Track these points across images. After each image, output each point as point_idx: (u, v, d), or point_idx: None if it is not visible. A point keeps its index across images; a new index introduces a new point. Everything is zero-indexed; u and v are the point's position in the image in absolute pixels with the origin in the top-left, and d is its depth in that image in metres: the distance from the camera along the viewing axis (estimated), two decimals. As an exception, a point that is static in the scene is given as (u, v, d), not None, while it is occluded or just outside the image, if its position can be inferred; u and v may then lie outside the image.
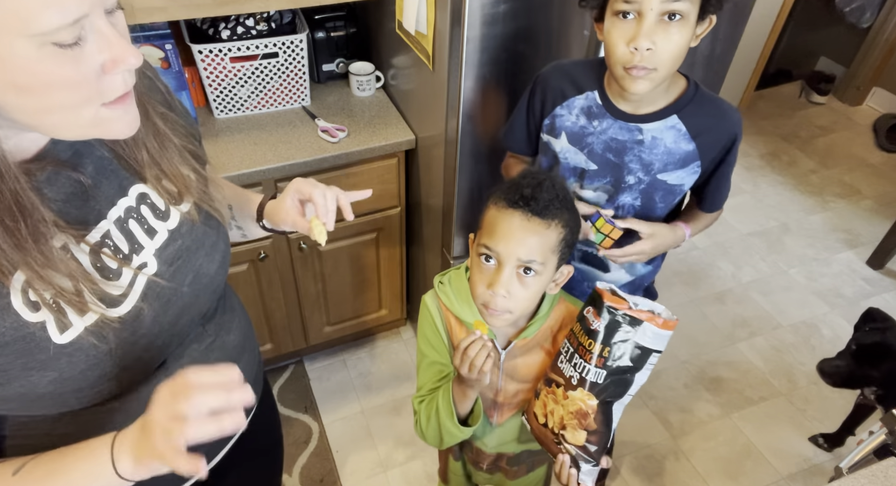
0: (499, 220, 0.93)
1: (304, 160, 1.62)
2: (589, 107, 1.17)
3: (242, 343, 0.90)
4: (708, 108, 1.13)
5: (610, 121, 1.15)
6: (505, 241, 0.92)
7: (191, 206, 0.78)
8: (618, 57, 1.01)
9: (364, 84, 1.86)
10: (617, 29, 1.00)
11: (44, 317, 0.62)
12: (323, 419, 2.10)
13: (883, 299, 2.62)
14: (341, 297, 2.04)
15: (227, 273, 0.87)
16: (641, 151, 1.15)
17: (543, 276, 0.95)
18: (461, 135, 1.47)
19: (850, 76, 3.68)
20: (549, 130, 1.23)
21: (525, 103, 1.26)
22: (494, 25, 1.30)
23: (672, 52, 0.99)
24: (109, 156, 0.70)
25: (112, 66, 0.56)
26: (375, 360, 2.30)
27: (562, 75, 1.20)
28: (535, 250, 0.92)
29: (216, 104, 1.74)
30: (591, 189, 1.22)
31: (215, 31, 1.66)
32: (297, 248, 1.81)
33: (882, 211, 3.04)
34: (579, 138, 1.19)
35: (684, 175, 1.17)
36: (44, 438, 0.71)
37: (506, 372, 1.09)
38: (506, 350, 1.06)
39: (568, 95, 1.18)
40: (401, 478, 1.96)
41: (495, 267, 0.94)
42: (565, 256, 0.98)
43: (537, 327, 1.05)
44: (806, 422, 2.16)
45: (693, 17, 0.98)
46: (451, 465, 1.40)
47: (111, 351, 0.67)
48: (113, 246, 0.69)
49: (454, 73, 1.37)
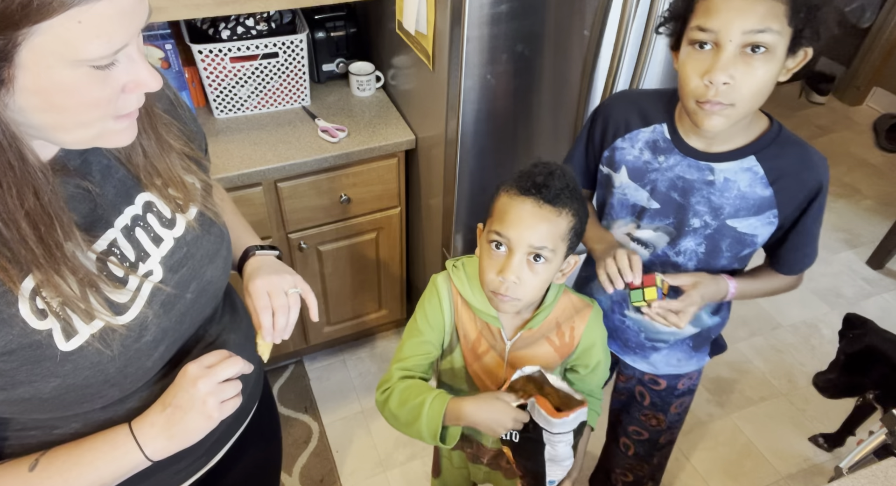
0: (510, 207, 0.94)
1: (304, 160, 1.62)
2: (655, 141, 1.08)
3: (243, 343, 0.91)
4: (791, 151, 1.02)
5: (678, 157, 1.06)
6: (517, 227, 0.93)
7: (195, 214, 0.79)
8: (690, 90, 0.92)
9: (364, 84, 1.86)
10: (692, 60, 0.91)
11: (50, 325, 0.63)
12: (323, 419, 2.10)
13: (883, 299, 2.62)
14: (341, 297, 2.04)
15: (228, 278, 0.87)
16: (711, 192, 1.05)
17: (552, 264, 0.96)
18: (461, 135, 1.47)
19: (850, 76, 3.68)
20: (608, 162, 1.15)
21: (585, 132, 1.19)
22: (494, 25, 1.30)
23: (753, 89, 0.89)
24: (115, 164, 0.71)
25: (134, 88, 0.58)
26: (375, 360, 2.31)
27: (627, 105, 1.12)
28: (547, 237, 0.93)
29: (216, 104, 1.74)
30: (651, 229, 1.13)
31: (215, 31, 1.66)
32: (298, 248, 1.81)
33: (882, 211, 3.04)
34: (641, 174, 1.10)
35: (758, 224, 1.06)
36: (44, 438, 0.72)
37: (510, 364, 1.09)
38: (511, 341, 1.07)
39: (632, 127, 1.10)
40: (401, 478, 1.96)
41: (506, 254, 0.95)
42: (573, 245, 0.98)
43: (543, 318, 1.06)
44: (806, 422, 2.16)
45: (781, 49, 0.88)
46: (447, 453, 1.38)
47: (115, 358, 0.68)
48: (119, 254, 0.70)
49: (454, 73, 1.37)
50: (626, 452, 1.53)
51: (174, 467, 0.83)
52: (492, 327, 1.07)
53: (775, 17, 0.85)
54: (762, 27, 0.85)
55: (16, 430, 0.71)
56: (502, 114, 1.47)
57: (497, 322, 1.06)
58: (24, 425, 0.71)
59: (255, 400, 0.99)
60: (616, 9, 1.37)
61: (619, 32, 1.37)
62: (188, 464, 0.86)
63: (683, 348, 1.28)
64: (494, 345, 1.09)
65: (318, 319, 0.92)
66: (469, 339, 1.10)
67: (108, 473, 0.71)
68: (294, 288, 0.88)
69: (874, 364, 1.68)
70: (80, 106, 0.55)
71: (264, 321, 0.84)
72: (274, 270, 0.90)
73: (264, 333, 0.85)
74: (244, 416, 0.96)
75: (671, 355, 1.29)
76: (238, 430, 0.95)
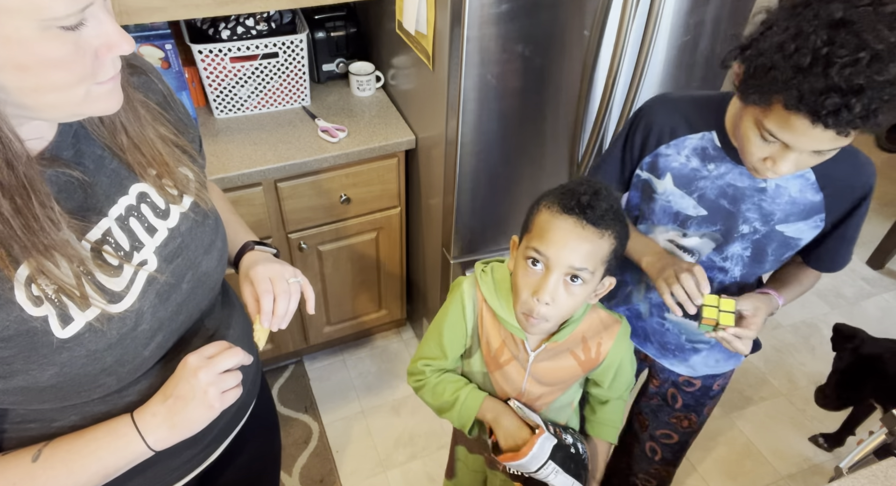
0: (552, 225, 0.91)
1: (304, 160, 1.62)
2: (704, 148, 1.06)
3: (241, 338, 0.91)
4: (842, 156, 0.98)
5: (729, 165, 1.04)
6: (557, 246, 0.89)
7: (190, 205, 0.79)
8: (750, 162, 0.94)
9: (364, 84, 1.86)
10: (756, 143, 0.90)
11: (46, 311, 0.63)
12: (323, 419, 2.10)
13: (883, 299, 2.62)
14: (341, 297, 2.04)
15: (224, 270, 0.87)
16: (762, 199, 1.04)
17: (589, 285, 0.93)
18: (461, 135, 1.47)
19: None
20: (649, 168, 1.12)
21: (623, 136, 1.16)
22: (494, 25, 1.30)
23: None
24: (108, 155, 0.71)
25: (106, 51, 0.59)
26: (375, 360, 2.30)
27: (672, 110, 1.09)
28: (587, 259, 0.90)
29: (216, 104, 1.74)
30: (697, 236, 1.11)
31: (215, 31, 1.66)
32: (298, 248, 1.81)
33: (882, 211, 3.04)
34: (689, 182, 1.08)
35: (805, 228, 1.06)
36: (43, 431, 0.72)
37: (532, 375, 1.07)
38: (535, 353, 1.05)
39: (678, 134, 1.07)
40: (401, 478, 1.96)
41: (542, 272, 0.92)
42: (611, 268, 0.96)
43: (569, 332, 1.03)
44: (806, 422, 2.16)
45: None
46: (466, 457, 1.36)
47: (112, 346, 0.68)
48: (114, 243, 0.70)
49: (454, 73, 1.37)
50: (652, 457, 1.52)
51: (175, 461, 0.83)
52: (516, 337, 1.05)
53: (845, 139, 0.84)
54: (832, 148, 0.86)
55: (15, 422, 0.71)
56: (502, 114, 1.47)
57: (521, 333, 1.04)
58: (22, 417, 0.71)
59: (254, 396, 0.99)
60: (616, 9, 1.37)
61: (619, 32, 1.37)
62: (189, 458, 0.86)
63: (723, 349, 1.26)
64: (517, 355, 1.06)
65: (314, 312, 0.92)
66: (492, 347, 1.08)
67: (111, 462, 0.71)
68: (295, 278, 0.88)
69: (868, 376, 1.69)
70: (50, 67, 0.55)
71: (265, 305, 0.84)
72: (275, 261, 0.90)
73: (263, 317, 0.84)
74: (243, 411, 0.96)
75: (710, 356, 1.28)
76: (237, 425, 0.95)
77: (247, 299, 0.87)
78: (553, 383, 1.09)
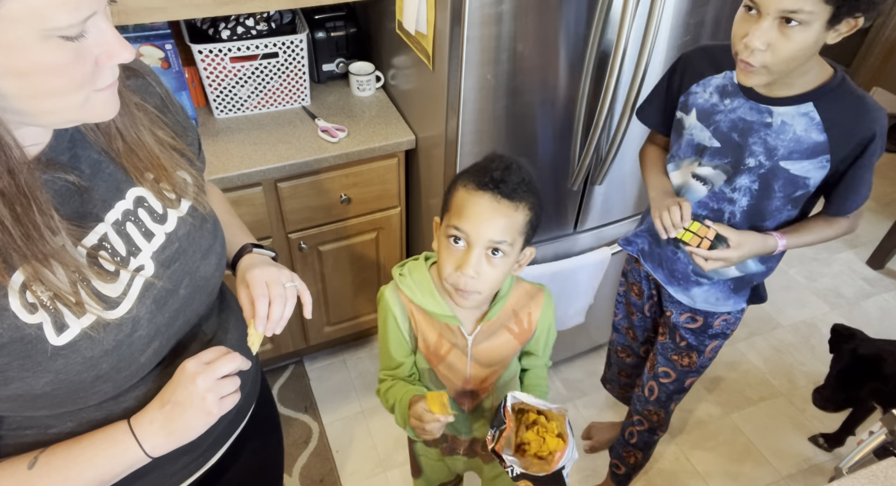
0: (468, 202, 0.95)
1: (304, 160, 1.62)
2: (724, 85, 1.18)
3: (239, 343, 0.90)
4: (849, 101, 1.09)
5: (741, 100, 1.15)
6: (475, 222, 0.94)
7: (188, 209, 0.79)
8: (734, 47, 1.04)
9: (364, 84, 1.86)
10: (740, 21, 1.02)
11: (41, 318, 0.63)
12: (323, 419, 2.10)
13: (883, 299, 2.62)
14: (341, 297, 2.04)
15: (222, 275, 0.87)
16: (767, 134, 1.13)
17: (510, 257, 0.98)
18: (461, 135, 1.47)
19: (851, 76, 3.67)
20: (682, 106, 1.25)
21: (666, 80, 1.28)
22: (494, 25, 1.30)
23: (787, 55, 0.98)
24: (105, 160, 0.71)
25: (106, 60, 0.59)
26: (375, 360, 2.30)
27: (704, 55, 1.21)
28: (505, 231, 0.94)
29: (216, 104, 1.74)
30: (711, 166, 1.22)
31: (215, 31, 1.66)
32: (298, 248, 1.81)
33: (882, 211, 3.04)
34: (708, 115, 1.20)
35: (810, 167, 1.13)
36: (39, 437, 0.72)
37: (473, 358, 1.11)
38: (472, 335, 1.09)
39: (706, 74, 1.20)
40: (401, 478, 1.96)
41: (464, 248, 0.96)
42: (529, 238, 1.01)
43: (500, 308, 1.08)
44: (806, 422, 2.16)
45: (818, 23, 0.95)
46: (423, 450, 1.39)
47: (107, 353, 0.68)
48: (110, 249, 0.70)
49: (454, 73, 1.37)
50: (648, 397, 1.60)
51: (172, 466, 0.83)
52: (451, 326, 1.08)
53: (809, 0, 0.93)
54: (795, 8, 0.93)
55: (11, 429, 0.71)
56: (502, 114, 1.47)
57: (455, 320, 1.07)
58: (19, 423, 0.71)
59: (252, 399, 0.99)
60: (616, 9, 1.37)
61: (619, 32, 1.37)
62: (186, 463, 0.86)
63: (723, 288, 1.36)
64: (456, 343, 1.10)
65: (310, 316, 0.91)
66: (429, 343, 1.11)
67: (107, 469, 0.71)
68: (291, 282, 0.88)
69: (867, 378, 1.70)
70: (50, 74, 0.55)
71: (259, 310, 0.83)
72: (272, 265, 0.90)
73: (257, 322, 0.83)
74: (242, 415, 0.96)
75: (710, 292, 1.37)
76: (236, 429, 0.95)
77: (243, 302, 0.85)
78: (495, 363, 1.13)
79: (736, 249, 1.17)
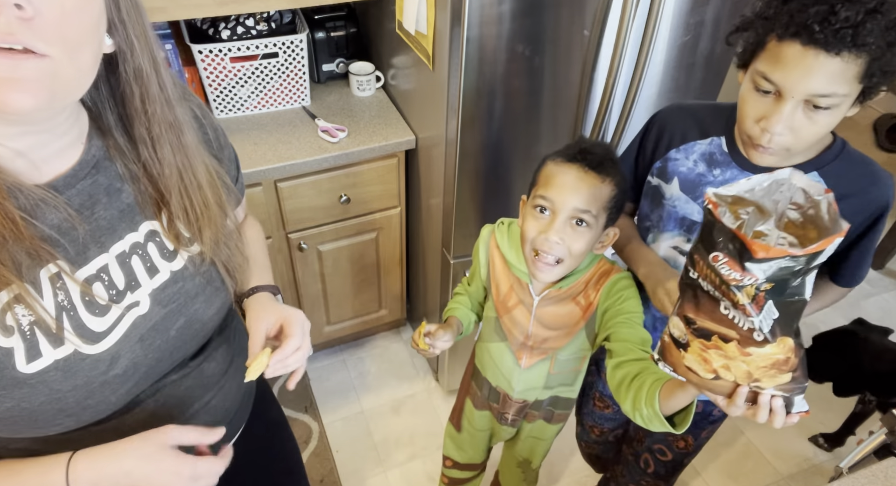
0: (556, 172, 1.00)
1: (304, 160, 1.62)
2: (711, 153, 1.06)
3: (226, 369, 0.86)
4: (857, 169, 0.98)
5: (735, 171, 1.03)
6: (562, 190, 0.98)
7: (199, 251, 0.76)
8: (746, 129, 0.91)
9: (364, 84, 1.86)
10: (752, 100, 0.89)
11: (14, 344, 0.60)
12: (323, 419, 2.10)
13: (883, 299, 2.62)
14: (341, 297, 2.04)
15: (222, 319, 0.83)
16: None
17: (593, 230, 1.00)
18: (461, 135, 1.47)
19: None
20: (659, 173, 1.13)
21: (637, 142, 1.17)
22: (494, 25, 1.30)
23: (809, 138, 0.88)
24: (126, 188, 0.69)
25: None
26: (375, 360, 2.30)
27: (685, 116, 1.10)
28: (590, 201, 0.98)
29: (216, 104, 1.74)
30: None
31: (215, 31, 1.66)
32: (298, 248, 1.81)
33: (882, 211, 3.04)
34: (693, 186, 1.08)
35: None
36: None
37: (537, 318, 1.14)
38: (539, 297, 1.12)
39: (688, 138, 1.08)
40: (401, 478, 1.96)
41: (550, 217, 1.00)
42: (613, 217, 1.03)
43: (572, 281, 1.09)
44: (806, 422, 2.16)
45: (847, 104, 0.85)
46: (469, 412, 1.42)
47: (76, 388, 0.64)
48: (108, 280, 0.67)
49: (454, 73, 1.37)
50: (645, 469, 1.51)
51: None
52: (522, 281, 1.13)
53: (844, 80, 0.81)
54: (828, 92, 0.82)
55: None
56: (502, 114, 1.47)
57: (527, 277, 1.11)
58: None
59: (240, 423, 0.94)
60: (616, 9, 1.37)
61: (619, 32, 1.37)
62: None
63: None
64: (523, 300, 1.14)
65: (293, 388, 0.84)
66: (501, 291, 1.16)
67: None
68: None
69: (847, 348, 1.69)
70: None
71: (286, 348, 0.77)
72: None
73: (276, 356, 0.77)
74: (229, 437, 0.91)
75: None
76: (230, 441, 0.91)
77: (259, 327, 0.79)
78: (557, 327, 1.14)
79: None
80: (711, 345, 0.69)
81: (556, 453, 2.04)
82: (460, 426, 1.48)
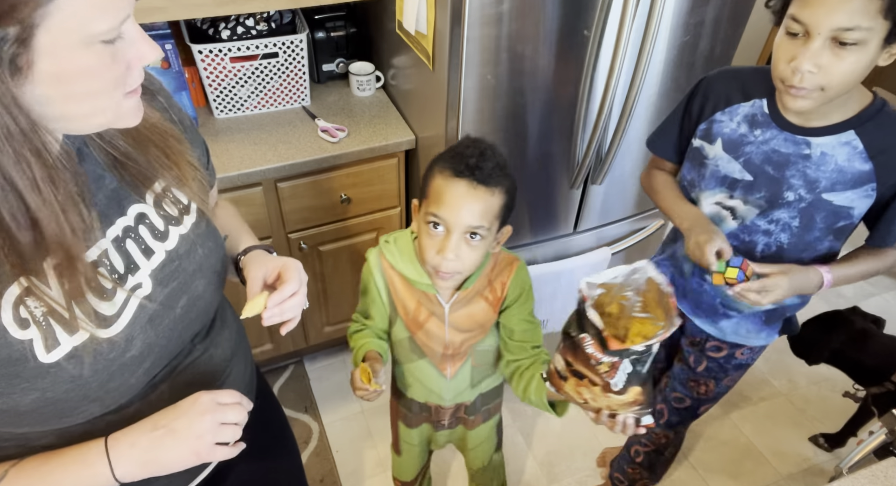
0: (445, 189, 0.98)
1: (304, 160, 1.62)
2: (753, 115, 1.11)
3: (231, 356, 0.89)
4: (890, 125, 1.02)
5: (774, 131, 1.09)
6: (453, 209, 0.97)
7: (191, 227, 0.78)
8: (779, 72, 0.97)
9: (364, 84, 1.86)
10: (783, 45, 0.96)
11: (31, 335, 0.62)
12: (323, 419, 2.10)
13: (883, 299, 2.62)
14: (341, 297, 2.04)
15: (221, 294, 0.86)
16: (807, 166, 1.06)
17: (488, 239, 1.02)
18: (461, 135, 1.47)
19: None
20: (703, 134, 1.18)
21: (683, 106, 1.22)
22: (494, 25, 1.30)
23: (842, 77, 0.92)
24: (108, 175, 0.70)
25: (138, 62, 0.60)
26: (375, 360, 2.30)
27: (729, 80, 1.15)
28: (482, 216, 0.98)
29: (216, 104, 1.74)
30: (741, 200, 1.15)
31: (215, 31, 1.66)
32: (298, 248, 1.81)
33: (882, 211, 3.04)
34: (736, 146, 1.13)
35: (855, 197, 1.06)
36: (20, 451, 0.70)
37: (451, 325, 1.15)
38: (449, 304, 1.13)
39: (732, 101, 1.13)
40: (401, 478, 1.96)
41: (444, 234, 1.00)
42: (506, 219, 1.05)
43: (475, 279, 1.12)
44: (806, 422, 2.16)
45: (875, 42, 0.90)
46: (405, 433, 1.44)
47: (97, 372, 0.67)
48: (109, 266, 0.69)
49: (454, 73, 1.37)
50: (657, 420, 1.54)
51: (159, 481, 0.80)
52: (428, 294, 1.13)
53: (866, 14, 0.86)
54: (851, 25, 0.87)
55: None
56: (502, 114, 1.47)
57: (432, 289, 1.11)
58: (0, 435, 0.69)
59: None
60: (616, 9, 1.37)
61: (619, 32, 1.37)
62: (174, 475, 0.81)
63: (755, 321, 1.29)
64: (434, 310, 1.14)
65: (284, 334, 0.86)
66: (409, 309, 1.15)
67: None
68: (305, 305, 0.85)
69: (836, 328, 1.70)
70: (97, 87, 0.57)
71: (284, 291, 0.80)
72: None
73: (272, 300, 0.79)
74: None
75: (741, 324, 1.30)
76: None
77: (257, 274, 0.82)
78: (472, 328, 1.16)
79: (775, 276, 1.07)
80: (584, 384, 0.89)
81: (556, 453, 2.04)
82: (400, 450, 1.49)
